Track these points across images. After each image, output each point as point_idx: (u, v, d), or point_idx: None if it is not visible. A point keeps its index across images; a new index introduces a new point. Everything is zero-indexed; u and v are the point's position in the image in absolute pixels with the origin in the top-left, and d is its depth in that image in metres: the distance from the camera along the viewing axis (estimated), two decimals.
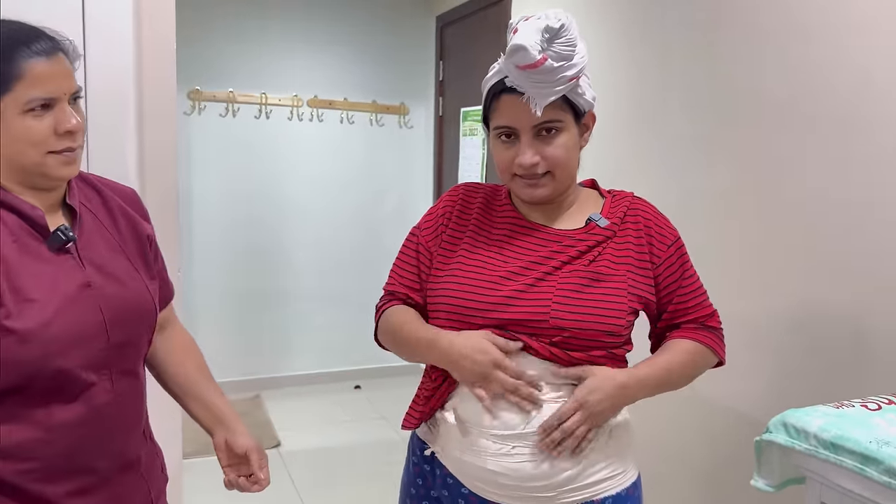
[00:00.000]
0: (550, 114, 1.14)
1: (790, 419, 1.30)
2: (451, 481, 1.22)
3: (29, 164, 1.02)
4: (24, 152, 1.01)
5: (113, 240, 1.15)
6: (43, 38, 1.03)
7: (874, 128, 1.65)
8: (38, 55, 1.00)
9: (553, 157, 1.17)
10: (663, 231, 1.25)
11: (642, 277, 1.21)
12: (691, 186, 2.18)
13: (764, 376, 1.94)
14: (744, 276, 2.00)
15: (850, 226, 1.70)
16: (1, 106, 0.98)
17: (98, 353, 1.06)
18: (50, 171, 1.04)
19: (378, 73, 4.30)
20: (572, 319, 1.14)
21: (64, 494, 1.05)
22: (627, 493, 1.22)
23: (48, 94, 1.01)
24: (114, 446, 1.12)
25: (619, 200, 1.27)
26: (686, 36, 2.20)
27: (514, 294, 1.16)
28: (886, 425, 1.23)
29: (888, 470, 1.12)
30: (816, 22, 1.78)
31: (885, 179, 1.62)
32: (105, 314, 1.07)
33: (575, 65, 1.12)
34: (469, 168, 3.79)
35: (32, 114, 1.00)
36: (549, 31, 1.08)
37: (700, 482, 2.15)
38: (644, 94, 2.37)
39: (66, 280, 1.04)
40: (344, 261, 4.33)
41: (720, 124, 2.07)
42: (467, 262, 1.22)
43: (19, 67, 0.99)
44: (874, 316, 1.65)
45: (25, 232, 1.03)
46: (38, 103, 1.00)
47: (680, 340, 1.26)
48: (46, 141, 1.02)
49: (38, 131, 1.01)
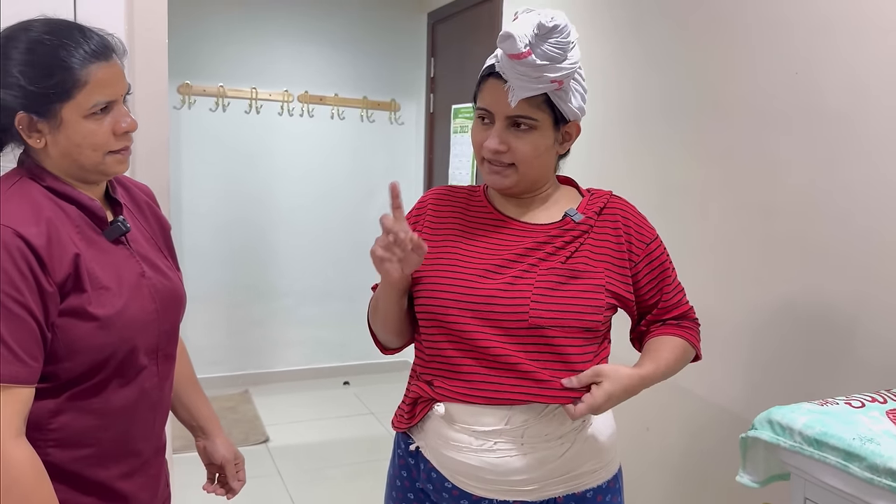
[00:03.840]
0: (526, 109, 1.16)
1: (775, 416, 1.32)
2: (435, 475, 1.23)
3: (89, 163, 1.06)
4: (86, 154, 1.05)
5: (147, 233, 1.21)
6: (96, 40, 1.05)
7: (852, 126, 1.67)
8: (96, 58, 1.03)
9: (519, 152, 1.18)
10: (642, 230, 1.26)
11: (619, 275, 1.22)
12: (671, 184, 2.21)
13: (747, 373, 1.96)
14: (725, 272, 2.02)
15: (829, 222, 1.73)
16: (63, 113, 1.02)
17: (152, 338, 1.13)
18: (108, 169, 1.08)
19: (369, 69, 4.29)
20: (550, 318, 1.15)
21: (115, 478, 1.11)
22: (608, 486, 1.24)
23: (108, 98, 1.04)
24: (155, 429, 1.19)
25: (597, 198, 1.28)
26: (666, 37, 2.21)
27: (494, 293, 1.17)
28: (870, 422, 1.25)
29: (871, 466, 1.14)
30: (794, 21, 1.79)
31: (863, 177, 1.65)
32: (156, 302, 1.13)
33: (561, 69, 1.12)
34: (460, 165, 3.80)
35: (94, 118, 1.04)
36: (541, 28, 1.09)
37: (681, 477, 2.17)
38: (625, 94, 2.39)
39: (126, 269, 1.10)
40: (334, 257, 4.32)
41: (698, 124, 2.10)
42: (446, 261, 1.23)
43: (80, 75, 1.01)
44: (857, 312, 1.67)
45: (85, 223, 1.07)
46: (99, 108, 1.04)
47: (669, 337, 1.27)
48: (107, 142, 1.05)
49: (99, 134, 1.04)
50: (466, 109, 3.72)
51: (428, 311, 1.20)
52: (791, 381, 1.84)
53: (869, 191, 1.65)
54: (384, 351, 1.35)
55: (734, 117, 1.99)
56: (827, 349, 1.75)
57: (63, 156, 1.05)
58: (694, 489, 2.14)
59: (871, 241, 1.65)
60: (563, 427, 1.18)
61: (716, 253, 2.08)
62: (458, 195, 1.33)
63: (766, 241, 1.91)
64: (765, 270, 1.92)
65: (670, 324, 1.29)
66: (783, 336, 1.86)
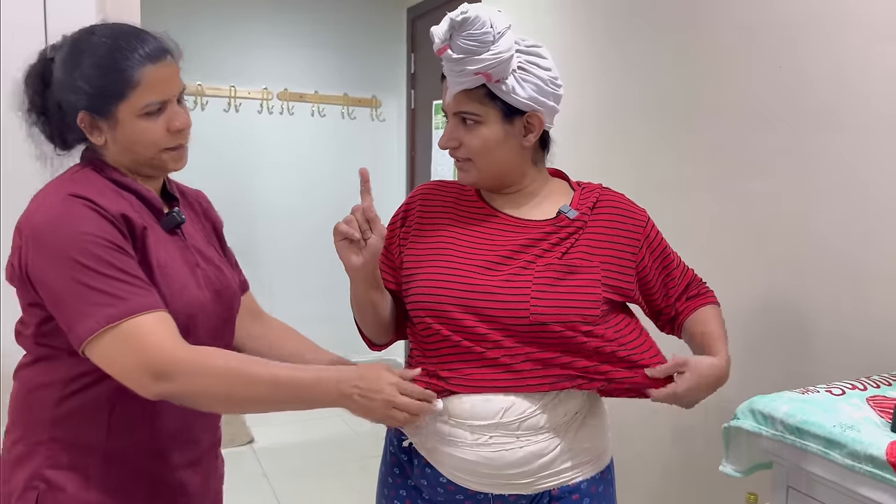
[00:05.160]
0: (467, 104, 1.18)
1: (757, 405, 1.33)
2: (429, 470, 1.23)
3: (145, 159, 1.11)
4: (142, 150, 1.10)
5: (201, 231, 1.25)
6: (150, 41, 1.09)
7: (836, 121, 1.68)
8: (150, 61, 1.07)
9: (469, 147, 1.20)
10: (635, 216, 1.28)
11: (618, 266, 1.23)
12: (650, 180, 2.22)
13: (733, 363, 1.97)
14: (706, 265, 2.03)
15: (813, 217, 1.74)
16: (119, 113, 1.07)
17: (213, 321, 1.16)
18: (164, 165, 1.13)
19: (349, 65, 4.27)
20: (551, 314, 1.15)
21: (174, 467, 1.13)
22: (601, 477, 1.26)
23: (161, 98, 1.09)
24: (213, 420, 1.21)
25: (589, 192, 1.29)
26: (647, 36, 2.22)
27: (493, 289, 1.17)
28: (850, 410, 1.26)
29: (851, 453, 1.15)
30: (767, 22, 1.81)
31: (838, 174, 1.66)
32: (211, 292, 1.16)
33: (482, 60, 1.12)
34: (442, 161, 3.79)
35: (148, 117, 1.08)
36: (451, 22, 1.12)
37: (669, 468, 2.18)
38: (605, 92, 2.40)
39: (183, 259, 1.14)
40: (317, 255, 4.30)
41: (676, 122, 2.11)
42: (441, 255, 1.23)
43: (133, 75, 1.06)
44: (839, 302, 1.69)
45: (144, 211, 1.11)
46: (153, 108, 1.08)
47: (704, 308, 1.33)
48: (162, 140, 1.10)
49: (153, 132, 1.09)
50: None
51: (424, 305, 1.19)
52: (775, 370, 1.86)
53: (851, 186, 1.67)
54: (372, 346, 1.35)
55: (716, 115, 2.00)
56: (810, 339, 1.76)
57: (122, 151, 1.10)
58: (681, 480, 2.16)
59: (853, 236, 1.66)
60: (557, 419, 1.19)
61: (699, 248, 2.09)
62: (449, 189, 1.33)
63: (749, 236, 1.93)
64: (748, 264, 1.93)
65: (690, 297, 1.35)
66: (767, 327, 1.88)
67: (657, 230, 1.31)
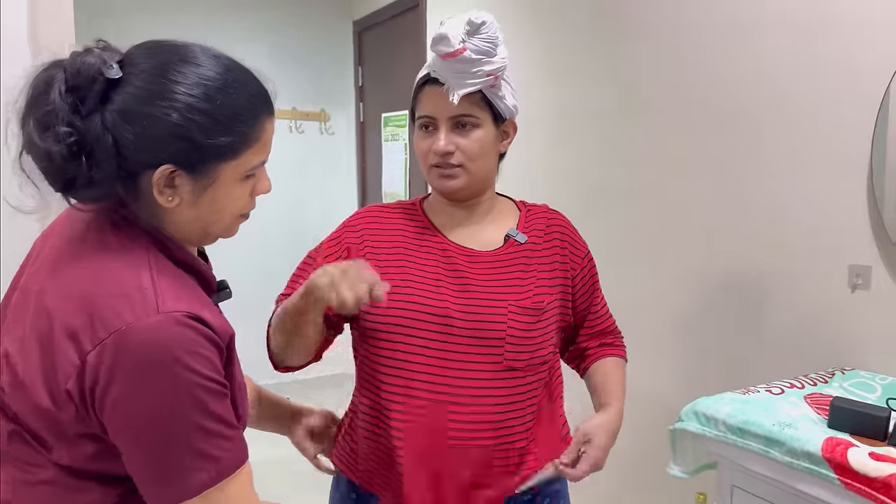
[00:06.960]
0: (467, 108, 1.18)
1: (700, 407, 1.36)
2: None
3: (219, 229, 0.91)
4: (224, 219, 0.89)
5: None
6: (265, 86, 0.91)
7: (767, 127, 1.74)
8: (269, 113, 0.89)
9: (467, 149, 1.19)
10: (577, 245, 1.29)
11: (564, 296, 1.24)
12: (594, 184, 2.26)
13: (677, 366, 2.01)
14: (651, 270, 2.07)
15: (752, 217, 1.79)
16: (219, 172, 0.84)
17: None
18: (230, 235, 0.95)
19: (297, 79, 4.24)
20: (525, 360, 1.16)
21: None
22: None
23: (264, 159, 0.90)
24: None
25: (535, 215, 1.29)
26: (588, 41, 2.26)
27: (464, 334, 1.15)
28: (789, 408, 1.30)
29: (790, 451, 1.18)
30: (708, 23, 1.86)
31: (777, 175, 1.72)
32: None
33: (494, 62, 1.15)
34: (392, 173, 3.79)
35: (248, 180, 0.88)
36: (471, 24, 1.14)
37: (619, 471, 2.20)
38: (550, 97, 2.43)
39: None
40: (267, 269, 4.22)
41: (619, 126, 2.15)
42: (403, 278, 1.19)
43: (254, 130, 0.86)
44: (778, 301, 1.74)
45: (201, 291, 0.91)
46: (257, 169, 0.89)
47: (611, 359, 1.31)
48: (246, 206, 0.91)
49: (244, 199, 0.90)
50: (397, 118, 3.71)
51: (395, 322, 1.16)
52: (718, 371, 1.90)
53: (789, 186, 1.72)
54: (279, 368, 1.31)
55: (651, 117, 2.05)
56: (751, 338, 1.81)
57: (195, 220, 0.86)
58: (631, 482, 2.18)
59: (794, 234, 1.72)
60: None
61: (640, 251, 2.13)
62: (393, 213, 1.30)
63: (688, 238, 1.97)
64: (688, 267, 1.98)
65: (605, 343, 1.33)
66: (709, 328, 1.92)
67: (594, 266, 1.31)
